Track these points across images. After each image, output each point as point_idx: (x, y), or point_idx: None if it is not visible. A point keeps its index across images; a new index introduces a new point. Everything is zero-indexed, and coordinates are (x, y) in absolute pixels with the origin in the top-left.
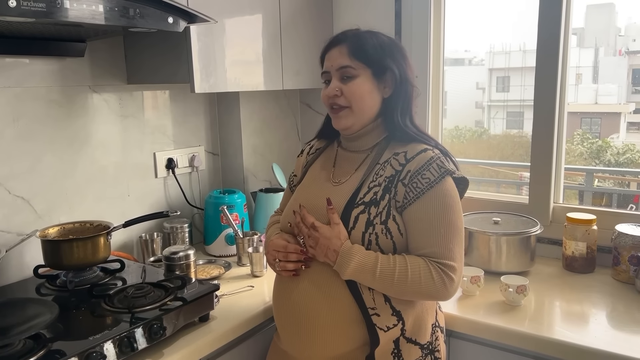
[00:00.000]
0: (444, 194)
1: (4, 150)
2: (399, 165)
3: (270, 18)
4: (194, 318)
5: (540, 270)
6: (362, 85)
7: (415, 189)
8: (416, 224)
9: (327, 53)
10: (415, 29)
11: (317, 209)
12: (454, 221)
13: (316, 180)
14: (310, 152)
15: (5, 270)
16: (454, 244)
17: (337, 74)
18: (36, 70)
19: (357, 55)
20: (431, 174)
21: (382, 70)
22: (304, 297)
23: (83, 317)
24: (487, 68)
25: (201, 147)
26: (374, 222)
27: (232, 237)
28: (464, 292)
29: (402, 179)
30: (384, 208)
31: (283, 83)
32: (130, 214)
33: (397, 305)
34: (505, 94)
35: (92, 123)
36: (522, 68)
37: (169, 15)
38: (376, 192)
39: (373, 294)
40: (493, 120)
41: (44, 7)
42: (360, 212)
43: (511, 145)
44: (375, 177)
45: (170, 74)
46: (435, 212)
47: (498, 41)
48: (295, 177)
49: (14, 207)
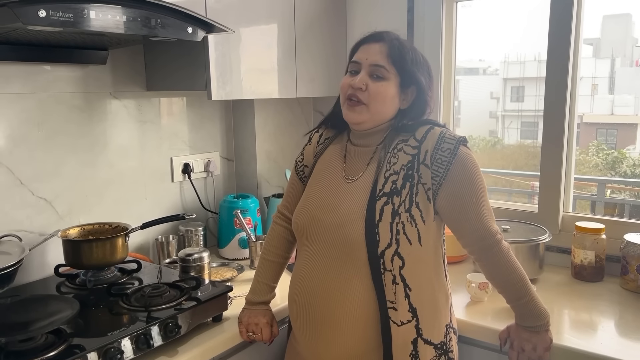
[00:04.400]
0: (465, 161)
1: (28, 154)
2: (412, 149)
3: (285, 27)
4: (208, 318)
5: (549, 278)
6: (388, 90)
7: (441, 165)
8: (454, 201)
9: (365, 45)
10: (427, 39)
11: (333, 209)
12: (482, 189)
13: (328, 177)
14: (320, 142)
15: (28, 269)
16: (489, 217)
17: (369, 69)
18: (60, 76)
19: (394, 60)
20: (448, 144)
21: (408, 82)
22: (320, 290)
23: (101, 315)
24: (501, 78)
25: (216, 152)
26: (399, 212)
27: (245, 240)
28: (472, 298)
29: (423, 161)
30: (406, 196)
31: (297, 91)
32: (147, 217)
33: (415, 302)
34: (519, 103)
35: (112, 128)
36: (536, 78)
37: (188, 25)
38: (394, 180)
39: (395, 288)
40: (507, 130)
41: (72, 17)
42: (384, 203)
43: (525, 155)
44: (389, 165)
45: (188, 81)
46: (465, 185)
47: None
48: (307, 168)
49: (37, 208)
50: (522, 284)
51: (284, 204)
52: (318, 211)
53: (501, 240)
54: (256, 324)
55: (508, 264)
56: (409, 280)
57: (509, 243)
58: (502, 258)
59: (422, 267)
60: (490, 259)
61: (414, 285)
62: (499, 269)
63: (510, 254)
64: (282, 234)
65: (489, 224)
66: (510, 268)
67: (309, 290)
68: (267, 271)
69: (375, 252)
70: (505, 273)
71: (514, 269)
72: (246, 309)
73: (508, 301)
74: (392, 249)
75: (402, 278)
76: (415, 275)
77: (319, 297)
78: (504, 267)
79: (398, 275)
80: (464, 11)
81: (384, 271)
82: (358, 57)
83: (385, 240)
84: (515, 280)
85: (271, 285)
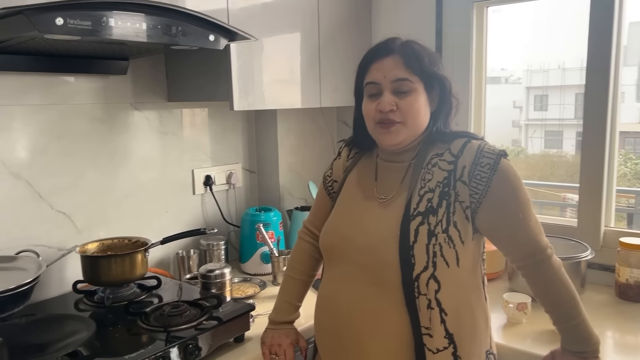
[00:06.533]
0: (508, 175)
1: (48, 166)
2: (448, 165)
3: (308, 36)
4: (230, 338)
5: (591, 298)
6: (418, 100)
7: (480, 181)
8: (498, 219)
9: (377, 62)
10: (457, 46)
11: (365, 229)
12: (527, 202)
13: (360, 194)
14: (350, 156)
15: (45, 285)
16: (537, 230)
17: (391, 86)
18: (81, 87)
19: (413, 68)
20: (487, 158)
21: (432, 84)
22: (350, 315)
23: (119, 335)
24: (524, 86)
25: (238, 164)
26: (436, 232)
27: (267, 255)
28: (510, 319)
29: (460, 178)
30: (443, 215)
31: (321, 101)
32: (167, 230)
33: (452, 327)
34: (543, 112)
35: (132, 140)
36: (561, 87)
37: (210, 33)
38: (430, 198)
39: (430, 313)
40: (530, 139)
41: (90, 25)
42: (419, 223)
43: (550, 165)
44: (423, 182)
45: (210, 92)
46: (510, 201)
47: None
48: (336, 183)
49: (56, 222)
50: (573, 304)
51: (310, 219)
52: (348, 231)
53: (552, 255)
54: (279, 345)
55: (559, 281)
56: (445, 305)
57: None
58: (553, 275)
59: (459, 290)
60: (540, 276)
61: (451, 309)
62: (549, 287)
63: (562, 271)
64: (307, 251)
65: (539, 238)
66: (561, 286)
67: (337, 315)
68: (292, 289)
69: (410, 276)
70: (555, 291)
71: (565, 287)
72: (269, 329)
73: (555, 322)
74: (428, 273)
75: (437, 302)
76: (452, 299)
77: (348, 322)
78: (554, 285)
79: (433, 300)
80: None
81: (418, 295)
82: (374, 78)
83: (421, 263)
84: (566, 299)
85: (295, 305)
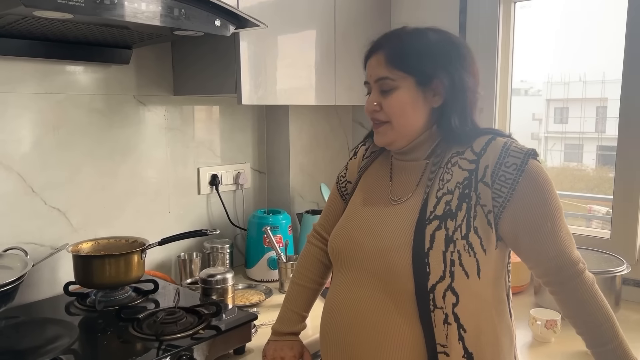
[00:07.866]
0: (536, 177)
1: (42, 160)
2: (469, 164)
3: (325, 29)
4: (229, 350)
5: (626, 317)
6: (403, 98)
7: (504, 183)
8: (523, 227)
9: (368, 61)
10: (482, 43)
11: (376, 232)
12: (558, 210)
13: (373, 195)
14: (366, 155)
15: (36, 286)
16: (568, 242)
17: (376, 85)
18: (79, 76)
19: (395, 64)
20: (514, 157)
21: (426, 77)
22: (357, 327)
23: (108, 342)
24: (544, 99)
25: (247, 164)
26: (454, 238)
27: (274, 260)
28: (537, 337)
29: (482, 179)
30: (462, 220)
31: (335, 98)
32: (169, 231)
33: (472, 346)
34: (563, 125)
35: (135, 134)
36: (582, 99)
37: (216, 17)
38: (448, 201)
39: (447, 329)
40: (550, 152)
41: (82, 2)
42: (436, 228)
43: (570, 178)
44: (441, 183)
45: (218, 84)
46: (537, 207)
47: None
48: (349, 184)
49: (49, 218)
50: (609, 325)
51: (321, 222)
52: (358, 233)
53: (584, 271)
54: (282, 358)
55: (593, 299)
56: (464, 320)
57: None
58: (586, 292)
59: (480, 304)
60: (571, 293)
61: (470, 325)
62: (581, 306)
63: (596, 287)
64: (317, 256)
65: (569, 251)
66: (595, 305)
67: (344, 326)
68: (298, 298)
69: (425, 286)
70: (588, 311)
71: (599, 307)
72: (272, 341)
73: (589, 346)
74: (444, 283)
75: (455, 317)
76: (471, 314)
77: (355, 334)
78: (587, 304)
79: (451, 314)
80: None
81: (433, 309)
82: (366, 77)
83: (437, 272)
84: (601, 320)
85: (302, 315)
